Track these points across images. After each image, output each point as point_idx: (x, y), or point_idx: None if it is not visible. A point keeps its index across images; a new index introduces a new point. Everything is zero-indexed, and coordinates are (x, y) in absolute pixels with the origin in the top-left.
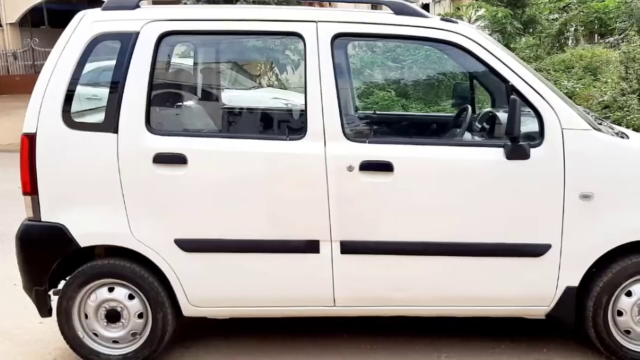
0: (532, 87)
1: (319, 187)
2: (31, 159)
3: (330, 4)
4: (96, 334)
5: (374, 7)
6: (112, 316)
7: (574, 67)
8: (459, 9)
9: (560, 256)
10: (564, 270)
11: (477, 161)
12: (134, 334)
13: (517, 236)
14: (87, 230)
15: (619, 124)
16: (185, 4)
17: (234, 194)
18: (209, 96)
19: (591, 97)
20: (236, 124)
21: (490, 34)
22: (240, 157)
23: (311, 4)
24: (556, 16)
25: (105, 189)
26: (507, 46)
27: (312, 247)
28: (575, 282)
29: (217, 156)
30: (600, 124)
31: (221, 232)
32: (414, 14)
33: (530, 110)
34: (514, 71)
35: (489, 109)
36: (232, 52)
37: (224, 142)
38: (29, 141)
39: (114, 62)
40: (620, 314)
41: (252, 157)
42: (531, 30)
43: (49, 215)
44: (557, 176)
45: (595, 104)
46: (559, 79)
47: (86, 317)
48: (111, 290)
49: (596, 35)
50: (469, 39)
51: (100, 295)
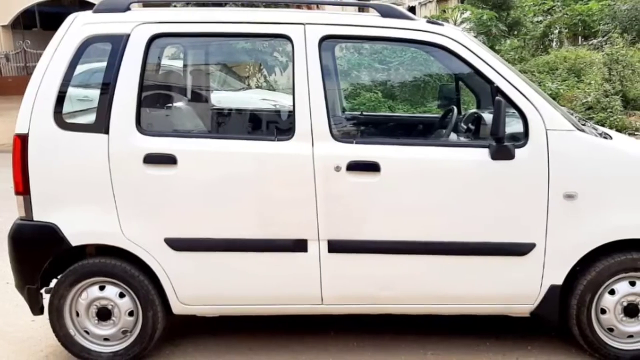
0: (516, 89)
1: (307, 187)
2: (23, 160)
3: (317, 7)
4: (87, 332)
5: (361, 9)
6: (103, 314)
7: (558, 69)
8: (444, 11)
9: (544, 255)
10: (548, 268)
11: (463, 161)
12: (124, 332)
13: (502, 235)
14: (79, 229)
15: (603, 125)
16: (175, 6)
17: (223, 194)
18: (198, 97)
19: (575, 98)
20: (225, 124)
21: (475, 36)
22: (229, 157)
23: (299, 7)
24: (540, 19)
25: (96, 189)
26: (492, 48)
27: (300, 246)
28: (559, 280)
29: (207, 156)
30: (583, 125)
31: (211, 232)
32: (400, 16)
33: (514, 111)
34: (498, 73)
35: (474, 110)
36: (221, 54)
37: (213, 143)
38: (22, 142)
39: (104, 64)
40: (603, 312)
41: (240, 158)
42: (516, 32)
43: (41, 214)
44: (541, 176)
45: (579, 105)
46: (543, 81)
47: (77, 315)
48: (102, 288)
49: (580, 37)
50: (455, 41)
51: (91, 293)
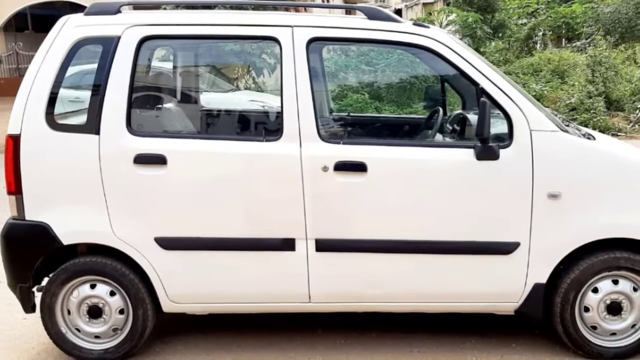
0: (501, 90)
1: (295, 187)
2: (15, 160)
3: (305, 10)
4: (78, 329)
5: (348, 12)
6: (94, 312)
7: (542, 71)
8: (430, 14)
9: (528, 254)
10: (533, 267)
11: (448, 162)
12: (115, 330)
13: (487, 234)
14: (70, 228)
15: (586, 126)
16: (165, 9)
17: (212, 194)
18: (188, 99)
19: (559, 99)
20: (214, 125)
21: (460, 38)
22: (218, 157)
23: (287, 10)
24: (525, 21)
25: (87, 189)
26: (477, 50)
27: (288, 245)
28: (543, 279)
29: (196, 157)
30: (567, 126)
31: (200, 231)
32: (386, 18)
33: (499, 112)
34: (483, 74)
35: (460, 111)
36: (210, 56)
37: (202, 143)
38: (14, 142)
39: (95, 66)
40: (587, 310)
41: (229, 158)
42: (501, 34)
43: (32, 214)
44: (525, 176)
45: (562, 106)
46: (527, 82)
47: (69, 313)
48: (93, 287)
49: (564, 39)
50: (440, 43)
51: (82, 291)
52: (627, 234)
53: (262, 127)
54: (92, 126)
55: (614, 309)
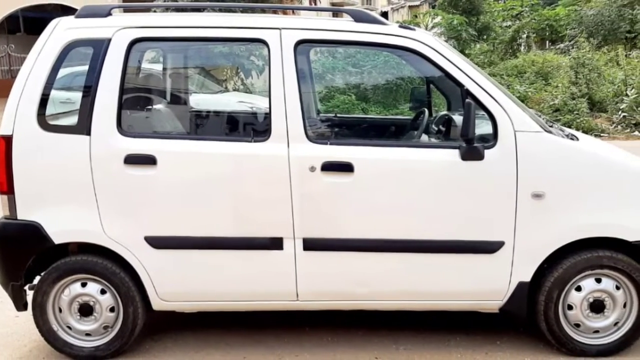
0: (486, 91)
1: (283, 187)
2: (7, 160)
3: (293, 12)
4: (70, 327)
5: (335, 15)
6: (85, 310)
7: (526, 72)
8: (416, 16)
9: (513, 253)
10: (517, 266)
11: (434, 162)
12: (105, 327)
13: (472, 233)
14: (61, 228)
15: (569, 127)
16: (155, 12)
17: (201, 194)
18: (177, 100)
19: (542, 100)
20: (203, 126)
21: (446, 41)
22: (207, 158)
23: (275, 12)
24: (509, 23)
25: (78, 189)
26: (462, 52)
27: (276, 244)
28: (527, 277)
29: (185, 157)
30: (551, 127)
31: (189, 230)
32: (373, 21)
33: (484, 113)
34: (468, 76)
35: (445, 112)
36: (199, 58)
37: (191, 144)
38: (6, 143)
39: (86, 68)
40: (570, 308)
41: (218, 158)
42: (485, 37)
43: (24, 213)
44: (510, 176)
45: (546, 107)
46: (511, 84)
47: (60, 311)
48: (84, 285)
49: (547, 41)
50: (426, 45)
51: (73, 290)
52: (610, 233)
53: (251, 127)
54: (83, 127)
55: (597, 307)
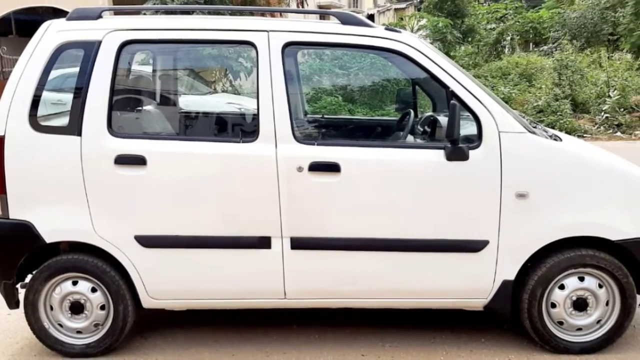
0: (470, 93)
1: (271, 187)
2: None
3: (281, 15)
4: (61, 325)
5: (322, 17)
6: (76, 308)
7: (510, 74)
8: (402, 19)
9: (497, 252)
10: (501, 264)
11: (419, 162)
12: (96, 325)
13: (457, 233)
14: (53, 227)
15: (553, 127)
16: (144, 14)
17: (190, 193)
18: (167, 101)
19: (526, 102)
20: (192, 127)
21: (431, 43)
22: (196, 158)
23: (263, 15)
24: (493, 26)
25: (69, 189)
26: (447, 54)
27: (264, 243)
28: (511, 276)
29: (175, 157)
30: (534, 127)
31: (179, 229)
32: (360, 23)
33: (469, 114)
34: (453, 78)
35: (430, 113)
36: (188, 60)
37: (181, 145)
38: None
39: (77, 69)
40: (553, 306)
41: (207, 159)
42: (470, 39)
43: (16, 212)
44: (494, 176)
45: (530, 109)
46: (496, 85)
47: (51, 308)
48: (75, 283)
49: (531, 43)
50: (412, 47)
51: (64, 288)
52: (593, 232)
53: (239, 128)
54: (74, 128)
55: (580, 305)
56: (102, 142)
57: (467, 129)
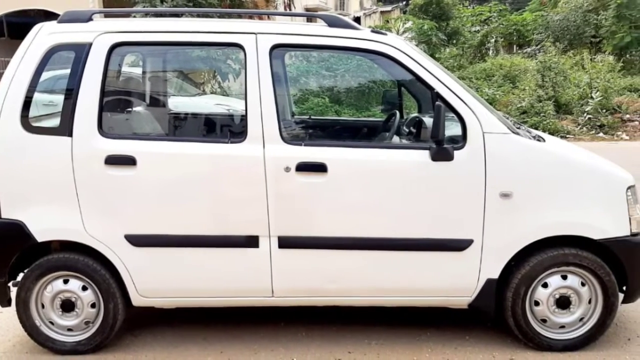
0: (455, 94)
1: (259, 187)
2: None
3: (269, 18)
4: (52, 323)
5: (310, 20)
6: (67, 306)
7: (495, 76)
8: (388, 21)
9: (481, 250)
10: (485, 263)
11: (405, 162)
12: (87, 323)
13: (442, 232)
14: (44, 226)
15: (536, 128)
16: (134, 17)
17: (179, 193)
18: (156, 102)
19: (510, 103)
20: (181, 128)
21: (417, 45)
22: (185, 158)
23: (251, 17)
24: (478, 28)
25: (60, 189)
26: (432, 56)
27: (252, 242)
28: (495, 274)
29: (164, 158)
30: (518, 128)
31: (168, 228)
32: (346, 26)
33: (453, 115)
34: (438, 79)
35: (416, 114)
36: (177, 62)
37: (170, 145)
38: None
39: (68, 71)
40: (537, 304)
41: (196, 159)
42: (455, 41)
43: (8, 212)
44: (478, 176)
45: (514, 110)
46: (480, 87)
47: (43, 306)
48: (66, 282)
49: (515, 46)
50: (397, 49)
51: (56, 286)
52: (576, 231)
53: (227, 129)
54: (65, 129)
55: (563, 303)
56: (92, 142)
57: (452, 129)
